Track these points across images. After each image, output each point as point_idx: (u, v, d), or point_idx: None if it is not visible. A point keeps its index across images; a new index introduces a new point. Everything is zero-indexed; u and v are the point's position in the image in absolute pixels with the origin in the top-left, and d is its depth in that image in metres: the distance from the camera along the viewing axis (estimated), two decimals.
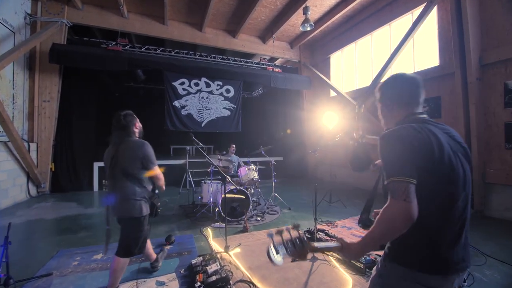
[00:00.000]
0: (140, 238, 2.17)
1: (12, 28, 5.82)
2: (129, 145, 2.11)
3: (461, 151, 1.04)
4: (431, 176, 0.95)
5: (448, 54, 5.24)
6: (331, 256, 2.87)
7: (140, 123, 2.34)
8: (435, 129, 1.02)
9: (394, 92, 1.19)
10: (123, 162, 2.07)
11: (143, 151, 2.10)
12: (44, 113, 6.52)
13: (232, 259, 2.83)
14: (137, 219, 2.11)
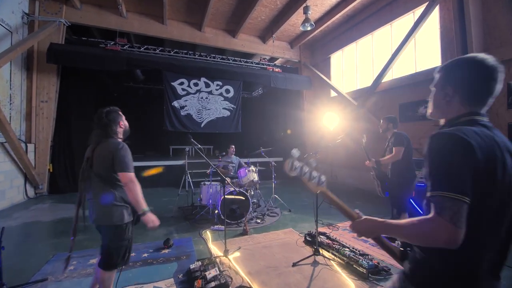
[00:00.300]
0: (122, 248, 1.93)
1: (9, 27, 5.76)
2: (104, 146, 1.89)
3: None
4: (486, 198, 0.77)
5: (450, 54, 5.17)
6: (333, 261, 2.81)
7: (126, 122, 2.10)
8: (498, 139, 0.83)
9: (463, 79, 0.90)
10: (97, 165, 1.86)
11: (114, 153, 1.84)
12: (42, 113, 6.45)
13: (231, 263, 2.77)
14: (118, 226, 1.88)
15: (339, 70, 8.72)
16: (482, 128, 0.85)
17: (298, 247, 3.20)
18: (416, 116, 5.86)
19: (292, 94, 9.66)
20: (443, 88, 0.95)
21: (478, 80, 0.89)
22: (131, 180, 1.84)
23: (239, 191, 4.15)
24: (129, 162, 1.87)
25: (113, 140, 1.94)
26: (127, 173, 1.84)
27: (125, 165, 1.84)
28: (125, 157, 1.86)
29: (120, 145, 1.88)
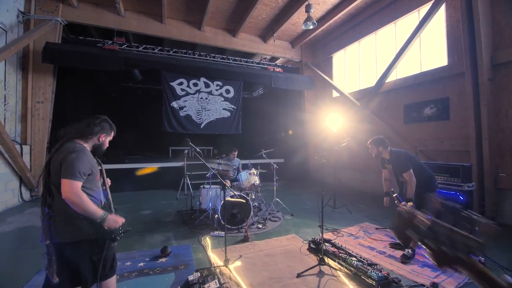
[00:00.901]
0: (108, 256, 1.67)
1: (3, 26, 5.61)
2: (60, 150, 1.59)
3: None
4: None
5: (457, 54, 5.03)
6: (339, 271, 2.66)
7: (107, 142, 1.86)
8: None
9: None
10: (52, 172, 1.56)
11: (64, 157, 1.52)
12: (37, 114, 6.31)
13: (232, 274, 2.62)
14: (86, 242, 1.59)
15: (341, 70, 8.57)
16: None
17: (302, 256, 3.05)
18: (422, 117, 5.70)
19: (293, 95, 9.51)
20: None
21: None
22: (75, 196, 1.47)
23: (239, 195, 4.00)
24: (75, 169, 1.50)
25: (75, 143, 1.63)
26: (70, 181, 1.47)
27: (72, 172, 1.48)
28: (73, 164, 1.50)
29: (75, 150, 1.55)
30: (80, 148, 1.60)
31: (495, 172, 4.44)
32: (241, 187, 4.52)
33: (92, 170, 1.62)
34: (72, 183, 1.47)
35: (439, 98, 5.38)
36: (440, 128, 5.37)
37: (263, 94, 11.72)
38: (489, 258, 2.90)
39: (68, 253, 1.58)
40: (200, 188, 4.54)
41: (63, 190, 1.46)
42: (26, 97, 6.24)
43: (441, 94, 5.34)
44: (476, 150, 4.54)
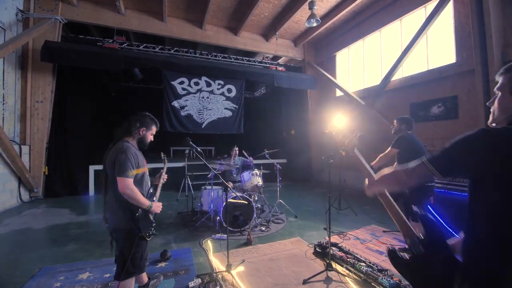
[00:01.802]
0: (137, 253, 1.88)
1: (2, 25, 5.52)
2: (113, 149, 1.89)
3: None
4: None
5: (466, 51, 4.88)
6: (347, 277, 2.52)
7: (150, 135, 2.11)
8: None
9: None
10: (106, 167, 1.89)
11: (115, 156, 1.82)
12: (37, 114, 6.22)
13: (235, 280, 2.49)
14: (130, 230, 1.84)
15: (345, 69, 8.42)
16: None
17: (308, 260, 2.91)
18: (428, 116, 5.55)
19: (296, 94, 9.37)
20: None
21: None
22: (128, 187, 1.77)
23: (242, 197, 3.87)
24: (126, 167, 1.78)
25: (122, 142, 1.91)
26: (124, 178, 1.76)
27: (123, 169, 1.77)
28: (124, 162, 1.78)
29: (122, 149, 1.83)
30: (126, 147, 1.85)
31: None
32: (244, 188, 4.39)
33: (138, 164, 1.88)
34: (126, 180, 1.76)
35: (447, 97, 5.23)
36: (448, 127, 5.22)
37: (265, 93, 11.58)
38: None
39: (114, 237, 1.92)
40: (202, 189, 4.42)
41: (119, 185, 1.76)
42: (25, 97, 6.15)
43: (450, 93, 5.19)
44: None
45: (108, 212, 1.89)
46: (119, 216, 1.83)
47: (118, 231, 1.88)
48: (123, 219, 1.83)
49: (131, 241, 1.82)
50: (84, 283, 2.49)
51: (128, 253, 1.82)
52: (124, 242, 1.85)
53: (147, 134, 2.06)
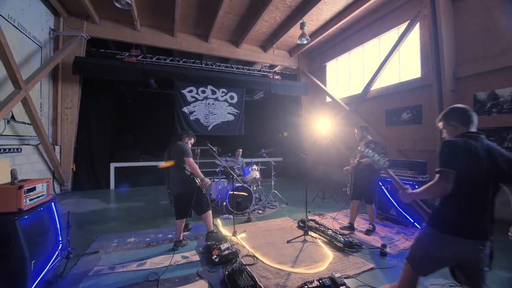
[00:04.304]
0: (204, 198, 3.42)
1: (39, 43, 6.53)
2: (176, 145, 3.39)
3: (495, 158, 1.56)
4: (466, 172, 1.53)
5: (428, 67, 5.91)
6: (318, 239, 3.57)
7: (190, 142, 3.62)
8: (482, 143, 1.58)
9: (461, 116, 1.71)
10: (173, 155, 3.32)
11: (181, 147, 3.34)
12: (66, 118, 7.23)
13: (239, 241, 3.54)
14: (196, 188, 3.26)
15: (334, 78, 9.46)
16: (473, 137, 1.62)
17: (292, 230, 3.96)
18: (400, 121, 6.59)
19: (291, 99, 10.40)
20: (450, 124, 1.75)
21: (466, 115, 1.70)
22: (191, 162, 3.28)
23: (244, 187, 4.91)
24: (189, 153, 3.31)
25: (180, 143, 3.42)
26: (189, 158, 3.28)
27: (188, 154, 3.29)
28: (185, 150, 3.30)
29: (183, 144, 3.40)
30: (185, 144, 3.45)
31: None
32: (245, 180, 5.42)
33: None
34: (190, 159, 3.29)
35: (414, 105, 6.26)
36: (415, 131, 6.25)
37: (263, 97, 12.61)
38: None
39: (181, 197, 3.32)
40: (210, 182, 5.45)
41: (187, 162, 3.26)
42: (56, 104, 7.16)
43: (416, 102, 6.22)
44: None
45: (172, 185, 3.41)
46: (183, 185, 3.24)
47: (182, 194, 3.28)
48: (186, 187, 3.23)
49: (196, 193, 3.22)
50: (132, 243, 3.54)
51: (199, 198, 3.31)
52: (191, 197, 3.20)
53: (188, 142, 3.58)
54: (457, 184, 1.52)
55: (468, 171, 1.53)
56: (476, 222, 1.55)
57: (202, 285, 2.49)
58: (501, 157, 1.58)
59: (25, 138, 5.89)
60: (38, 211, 2.53)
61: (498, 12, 4.69)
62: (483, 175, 1.55)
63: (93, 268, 2.84)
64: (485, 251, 1.54)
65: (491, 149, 1.59)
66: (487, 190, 1.56)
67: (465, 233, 1.54)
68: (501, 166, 1.56)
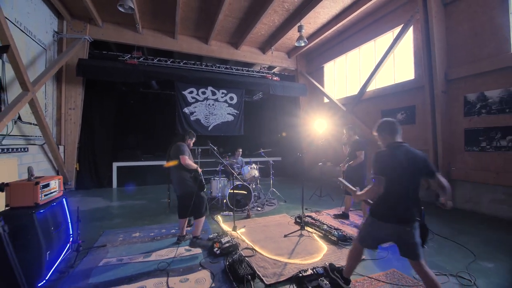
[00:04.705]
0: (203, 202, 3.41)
1: (44, 45, 6.70)
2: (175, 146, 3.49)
3: (412, 161, 2.03)
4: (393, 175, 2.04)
5: (421, 69, 6.11)
6: (314, 234, 3.76)
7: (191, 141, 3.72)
8: (404, 150, 2.07)
9: (387, 128, 2.22)
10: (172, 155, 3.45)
11: (178, 147, 3.44)
12: (70, 119, 7.40)
13: (239, 235, 3.73)
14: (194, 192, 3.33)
15: (332, 79, 9.66)
16: (397, 146, 2.11)
17: (290, 226, 4.16)
18: None
19: (289, 99, 10.60)
20: (382, 135, 2.24)
21: (391, 127, 2.20)
22: (185, 159, 3.34)
23: (243, 185, 5.10)
24: (183, 151, 3.38)
25: (178, 143, 3.51)
26: (183, 156, 3.35)
27: (182, 152, 3.37)
28: (180, 149, 3.40)
29: (179, 144, 3.48)
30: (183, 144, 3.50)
31: (448, 166, 5.53)
32: (244, 178, 5.61)
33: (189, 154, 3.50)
34: (185, 156, 3.35)
35: (408, 106, 6.47)
36: (409, 131, 6.45)
37: (262, 98, 12.81)
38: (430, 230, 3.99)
39: (182, 198, 3.41)
40: (211, 180, 5.64)
41: (181, 160, 3.32)
42: (60, 104, 7.33)
43: (410, 103, 6.43)
44: (433, 149, 5.64)
45: (174, 185, 3.51)
46: (184, 186, 3.36)
47: (185, 194, 3.34)
48: (188, 187, 3.34)
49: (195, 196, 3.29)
50: (138, 238, 3.73)
51: (198, 202, 3.33)
52: (193, 196, 3.28)
53: (190, 142, 3.69)
54: (386, 184, 2.04)
55: (393, 173, 2.02)
56: (401, 212, 2.04)
57: (205, 274, 2.68)
58: (418, 158, 2.06)
59: (31, 138, 6.06)
60: (51, 206, 2.72)
61: (486, 18, 4.90)
62: (405, 174, 2.02)
63: (102, 260, 3.03)
64: (412, 231, 2.03)
65: (411, 153, 2.07)
66: (409, 186, 2.05)
67: (393, 220, 2.06)
68: (419, 165, 2.04)
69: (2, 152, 4.87)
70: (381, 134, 2.24)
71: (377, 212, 2.15)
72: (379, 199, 2.14)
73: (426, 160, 2.07)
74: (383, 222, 2.09)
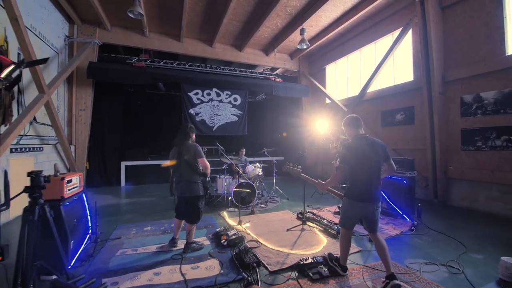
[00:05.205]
0: (201, 209, 3.33)
1: (56, 49, 7.01)
2: (188, 145, 3.23)
3: (374, 149, 2.44)
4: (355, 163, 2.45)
5: (419, 72, 6.30)
6: (315, 228, 3.99)
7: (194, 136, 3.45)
8: (368, 141, 2.47)
9: (351, 123, 2.60)
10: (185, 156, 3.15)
11: (195, 149, 3.18)
12: (80, 120, 7.70)
13: (244, 229, 3.97)
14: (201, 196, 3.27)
15: (333, 80, 9.87)
16: (361, 138, 2.51)
17: (292, 221, 4.38)
18: (394, 121, 6.99)
19: (292, 100, 10.82)
20: (347, 129, 2.62)
21: (355, 122, 2.57)
22: (205, 161, 3.23)
23: (248, 183, 5.33)
24: (202, 153, 3.23)
25: (191, 142, 3.29)
26: (203, 158, 3.21)
27: (201, 155, 3.21)
28: (200, 151, 3.23)
29: (196, 145, 3.25)
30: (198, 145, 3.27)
31: (445, 165, 5.71)
32: (248, 177, 5.85)
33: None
34: (205, 160, 3.21)
35: (407, 107, 6.66)
36: (408, 131, 6.65)
37: (265, 98, 13.04)
38: (425, 224, 4.21)
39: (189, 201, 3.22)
40: (216, 178, 5.89)
41: (202, 163, 3.19)
42: (71, 106, 7.63)
43: (409, 104, 6.62)
44: (431, 148, 5.83)
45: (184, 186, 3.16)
46: (197, 188, 3.17)
47: (194, 198, 3.18)
48: (199, 190, 3.18)
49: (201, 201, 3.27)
50: (149, 231, 3.98)
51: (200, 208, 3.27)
52: (198, 202, 3.23)
53: (194, 138, 3.44)
54: (353, 170, 2.44)
55: (357, 161, 2.42)
56: (368, 192, 2.41)
57: (214, 262, 2.93)
58: (378, 146, 2.47)
59: (45, 138, 6.35)
60: (74, 200, 2.98)
61: (481, 22, 5.09)
62: (369, 160, 2.42)
63: (118, 250, 3.28)
64: (378, 210, 2.47)
65: (372, 142, 2.47)
66: (372, 170, 2.43)
67: (363, 199, 2.43)
68: (379, 152, 2.46)
69: (20, 151, 5.17)
70: (347, 128, 2.61)
71: (350, 194, 2.50)
72: (350, 183, 2.50)
73: (385, 148, 2.51)
74: (357, 201, 2.46)
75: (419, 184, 6.17)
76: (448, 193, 5.71)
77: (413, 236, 3.77)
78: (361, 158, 2.41)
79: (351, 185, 2.50)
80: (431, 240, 3.65)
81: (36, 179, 1.89)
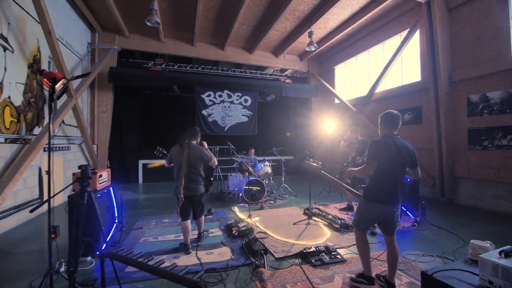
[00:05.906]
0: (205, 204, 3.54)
1: (80, 56, 7.58)
2: (195, 148, 3.33)
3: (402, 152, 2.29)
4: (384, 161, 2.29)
5: (427, 72, 6.38)
6: (320, 222, 4.24)
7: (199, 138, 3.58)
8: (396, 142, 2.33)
9: (386, 120, 2.46)
10: (192, 159, 3.25)
11: (201, 151, 3.30)
12: (102, 121, 8.26)
13: (253, 222, 4.28)
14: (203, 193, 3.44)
15: (342, 80, 10.00)
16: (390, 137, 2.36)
17: (299, 216, 4.66)
18: (402, 121, 6.97)
19: (301, 100, 11.03)
20: (383, 124, 2.47)
21: (394, 121, 2.42)
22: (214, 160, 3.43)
23: (257, 181, 5.64)
24: (209, 156, 3.35)
25: (196, 145, 3.41)
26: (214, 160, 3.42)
27: (211, 158, 3.37)
28: (208, 154, 3.36)
29: (203, 149, 3.36)
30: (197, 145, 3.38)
31: (452, 164, 5.80)
32: (258, 175, 6.15)
33: None
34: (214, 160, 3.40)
35: (414, 107, 6.75)
36: (415, 130, 6.74)
37: (275, 99, 13.27)
38: (427, 220, 4.37)
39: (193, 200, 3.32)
40: (228, 176, 6.23)
41: (215, 163, 3.44)
42: (93, 108, 8.21)
43: (416, 103, 6.71)
44: (438, 148, 5.92)
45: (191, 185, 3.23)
46: (201, 187, 3.32)
47: (198, 195, 3.28)
48: (202, 187, 3.33)
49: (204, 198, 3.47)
50: (168, 223, 4.37)
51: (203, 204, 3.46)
52: (202, 199, 3.39)
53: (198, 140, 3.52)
54: (377, 169, 2.28)
55: (384, 160, 2.27)
56: (390, 194, 2.30)
57: (226, 249, 3.26)
58: (406, 150, 2.32)
59: (71, 138, 6.92)
60: (103, 192, 3.39)
61: (487, 23, 5.15)
62: (394, 162, 2.28)
63: (141, 238, 3.68)
64: (397, 212, 2.36)
65: (401, 144, 2.32)
66: (397, 173, 2.30)
67: (383, 201, 2.31)
68: (406, 156, 2.30)
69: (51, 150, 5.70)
70: (382, 123, 2.46)
71: (370, 194, 2.36)
72: (372, 183, 2.37)
73: (414, 153, 2.35)
74: (376, 203, 2.32)
75: (426, 182, 6.27)
76: (455, 192, 5.79)
77: (414, 231, 3.95)
78: (388, 158, 2.26)
79: (372, 185, 2.37)
80: (432, 235, 3.82)
81: (85, 171, 2.28)
